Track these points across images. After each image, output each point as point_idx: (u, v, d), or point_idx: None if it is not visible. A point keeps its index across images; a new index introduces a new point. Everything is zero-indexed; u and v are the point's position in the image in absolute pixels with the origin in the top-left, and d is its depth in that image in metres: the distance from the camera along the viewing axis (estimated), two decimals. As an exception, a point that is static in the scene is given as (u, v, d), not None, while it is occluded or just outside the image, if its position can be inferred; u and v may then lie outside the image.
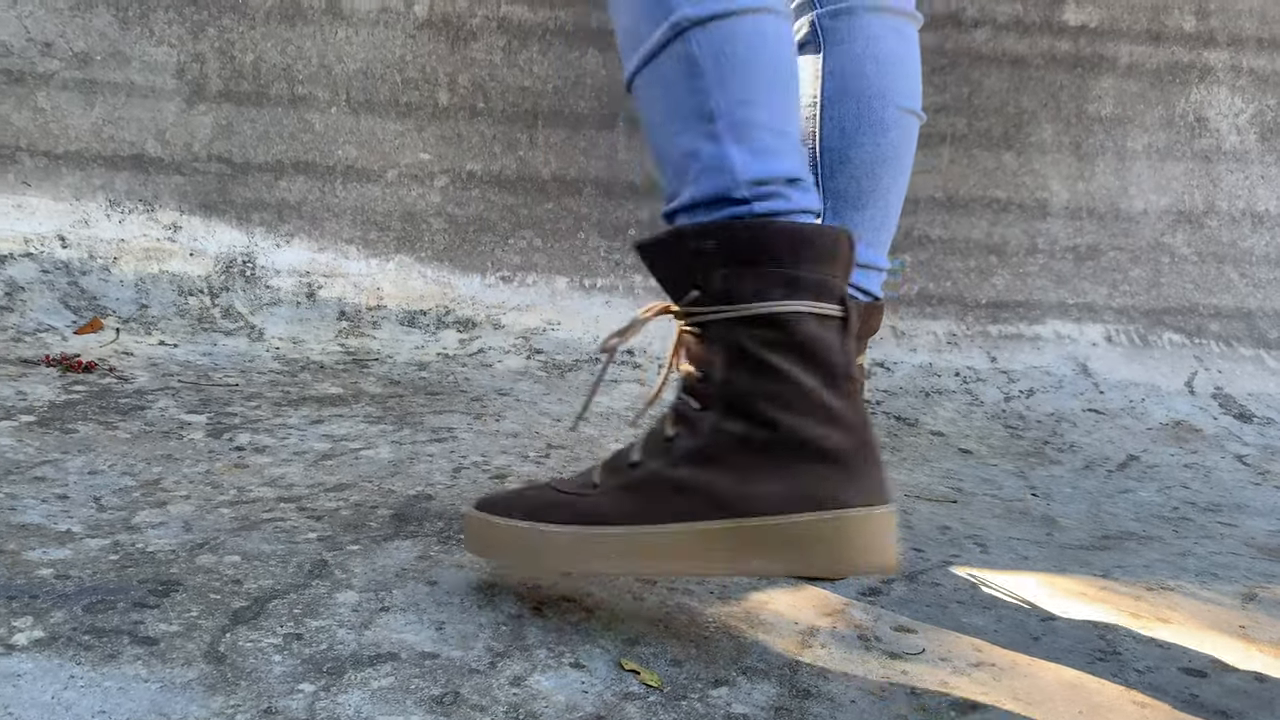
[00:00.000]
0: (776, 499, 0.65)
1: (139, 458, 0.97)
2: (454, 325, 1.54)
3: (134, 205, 1.59)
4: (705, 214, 0.69)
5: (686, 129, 0.70)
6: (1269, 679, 0.71)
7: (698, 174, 0.69)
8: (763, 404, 0.66)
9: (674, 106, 0.70)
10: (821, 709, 0.63)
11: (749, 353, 0.67)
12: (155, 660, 0.62)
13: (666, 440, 0.68)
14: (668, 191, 0.72)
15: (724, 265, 0.67)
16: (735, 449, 0.66)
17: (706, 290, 0.68)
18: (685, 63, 0.69)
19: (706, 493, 0.66)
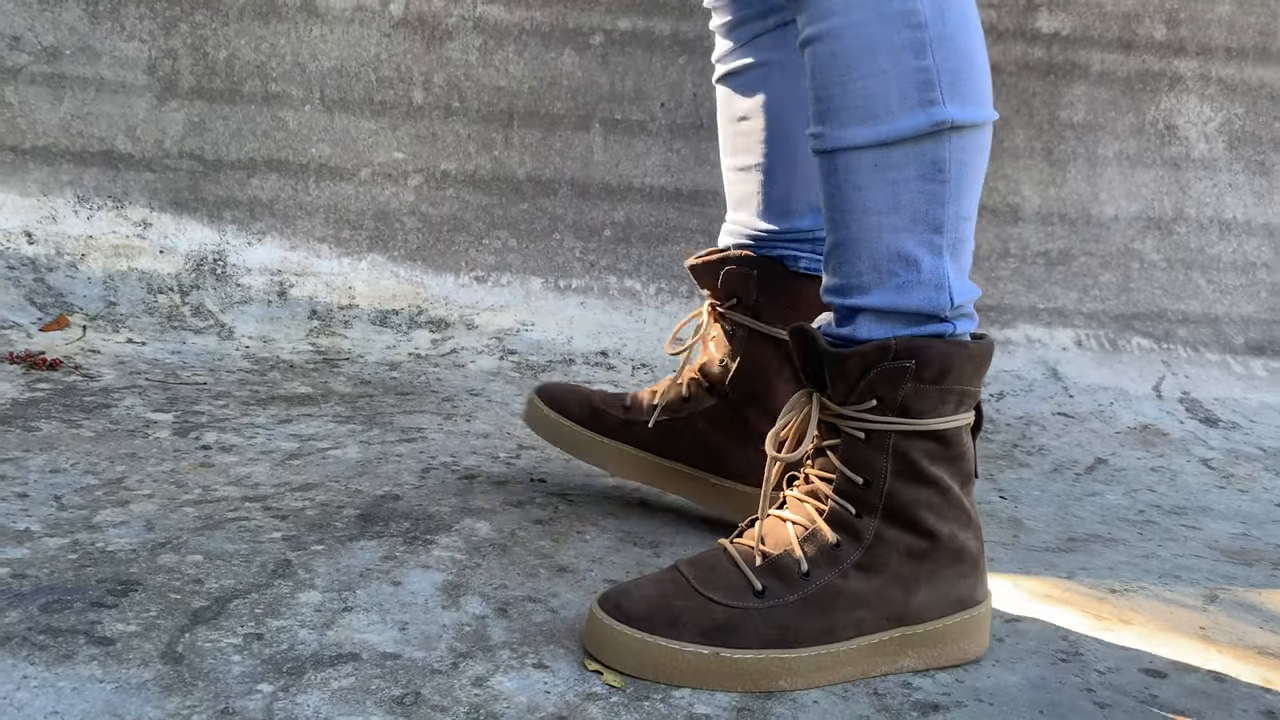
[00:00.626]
0: (936, 605, 0.69)
1: (102, 456, 0.96)
2: (426, 325, 1.54)
3: (103, 202, 1.57)
4: (903, 325, 0.67)
5: (909, 232, 0.66)
6: (1228, 679, 0.72)
7: (909, 284, 0.67)
8: (924, 514, 0.68)
9: (901, 203, 0.66)
10: (784, 710, 0.63)
11: (916, 465, 0.68)
12: (111, 660, 0.61)
13: (834, 548, 0.68)
14: (849, 280, 0.68)
15: (913, 381, 0.66)
16: (899, 559, 0.68)
17: (885, 401, 0.67)
18: (933, 166, 0.66)
19: (879, 605, 0.68)
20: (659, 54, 1.75)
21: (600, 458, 0.92)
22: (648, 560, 0.84)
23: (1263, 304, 1.81)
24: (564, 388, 0.95)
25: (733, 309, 0.89)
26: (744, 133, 0.88)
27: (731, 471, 0.89)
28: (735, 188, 0.91)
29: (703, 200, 1.72)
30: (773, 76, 0.86)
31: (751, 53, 0.86)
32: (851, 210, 0.67)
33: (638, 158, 1.73)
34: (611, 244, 1.69)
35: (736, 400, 0.89)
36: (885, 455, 0.67)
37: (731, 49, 0.88)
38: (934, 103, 0.65)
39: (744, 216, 0.90)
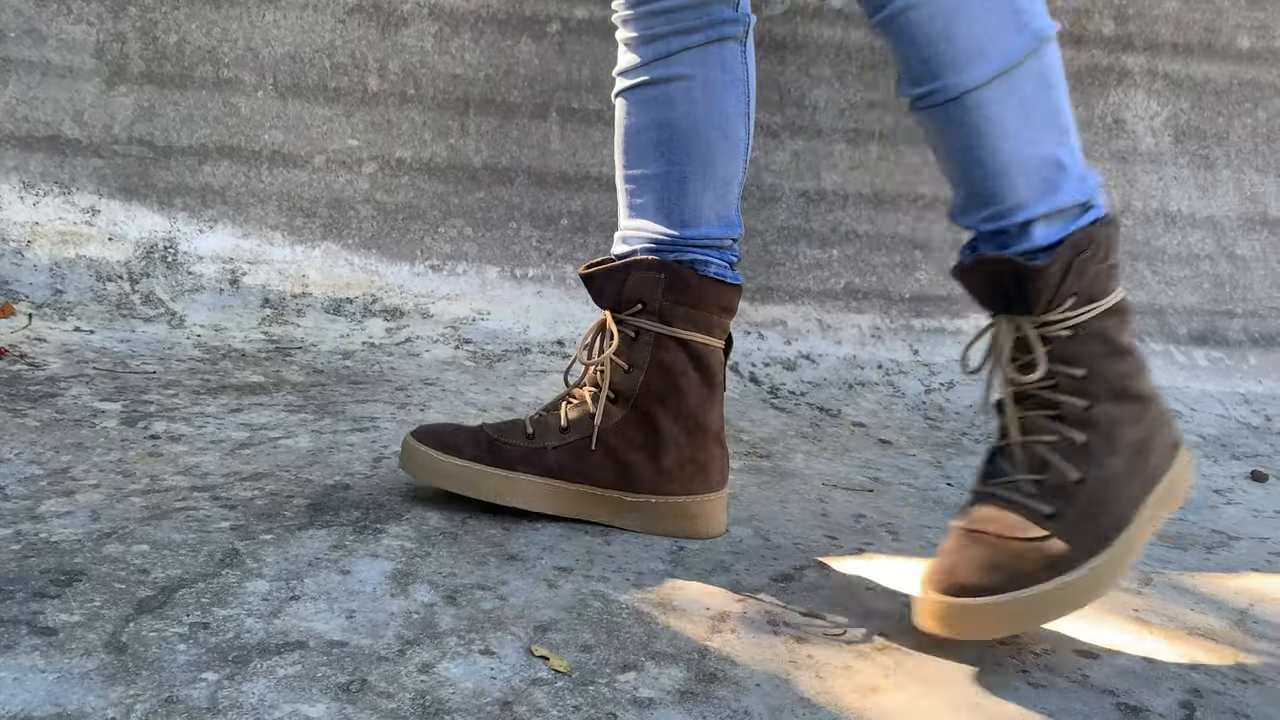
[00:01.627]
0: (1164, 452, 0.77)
1: (48, 446, 0.95)
2: (381, 314, 1.53)
3: (49, 188, 1.55)
4: (1066, 222, 0.73)
5: (1046, 139, 0.73)
6: (1157, 660, 0.74)
7: (1061, 183, 0.73)
8: (1133, 382, 0.75)
9: (1032, 118, 0.73)
10: (726, 692, 0.64)
11: (1116, 341, 0.75)
12: (54, 650, 0.61)
13: (1085, 446, 0.73)
14: (1008, 202, 0.74)
15: (1098, 264, 0.73)
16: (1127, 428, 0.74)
17: (1080, 295, 0.73)
18: (1042, 76, 0.73)
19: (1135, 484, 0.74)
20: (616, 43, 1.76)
21: (502, 493, 0.87)
22: (598, 548, 0.85)
23: (1205, 295, 1.85)
24: (447, 428, 0.90)
25: (636, 315, 0.88)
26: (655, 142, 0.88)
27: (644, 485, 0.88)
28: (638, 196, 0.90)
29: (659, 190, 1.73)
30: (695, 91, 0.87)
31: (671, 67, 0.87)
32: (994, 140, 0.73)
33: (595, 147, 1.73)
34: (569, 233, 1.69)
35: (645, 407, 0.88)
36: (1093, 342, 0.74)
37: (646, 62, 0.88)
38: (1027, 23, 0.73)
39: (646, 223, 0.89)
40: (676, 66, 0.87)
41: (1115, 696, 0.68)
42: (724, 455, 0.91)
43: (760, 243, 1.72)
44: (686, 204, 0.88)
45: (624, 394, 0.88)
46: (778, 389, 1.50)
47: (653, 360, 0.88)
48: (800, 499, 1.04)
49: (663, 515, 0.89)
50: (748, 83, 0.89)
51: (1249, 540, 1.07)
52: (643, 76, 0.88)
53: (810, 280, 1.72)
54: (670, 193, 0.88)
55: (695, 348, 0.88)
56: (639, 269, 0.87)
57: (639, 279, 0.87)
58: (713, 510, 0.90)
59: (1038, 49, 0.73)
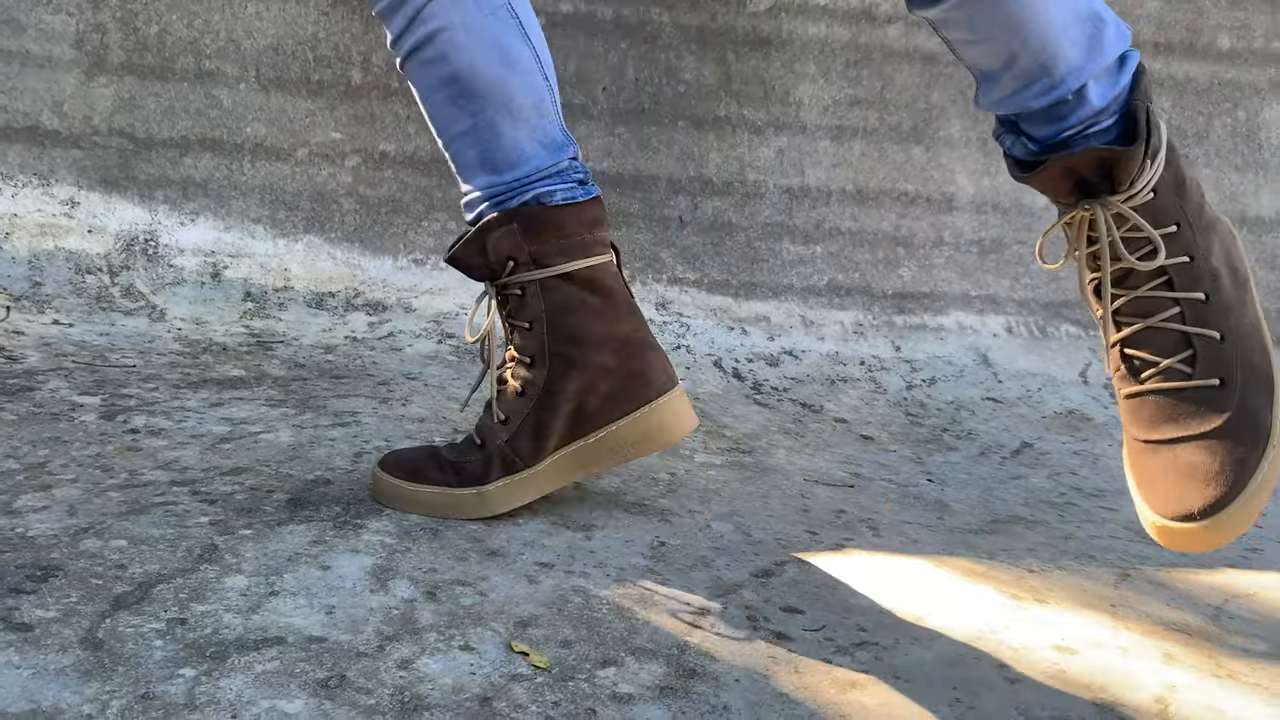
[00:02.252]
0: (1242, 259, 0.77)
1: (24, 440, 0.94)
2: (363, 308, 1.53)
3: (28, 179, 1.53)
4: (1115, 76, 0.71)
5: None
6: (1132, 654, 0.75)
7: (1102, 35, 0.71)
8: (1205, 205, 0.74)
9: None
10: (705, 688, 0.64)
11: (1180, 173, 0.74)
12: (29, 647, 0.60)
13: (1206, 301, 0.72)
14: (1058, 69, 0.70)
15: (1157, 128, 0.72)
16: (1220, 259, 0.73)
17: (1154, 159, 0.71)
18: None
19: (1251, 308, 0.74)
20: (600, 38, 1.75)
21: (479, 508, 0.87)
22: (579, 544, 0.85)
23: (1185, 293, 1.87)
24: (412, 453, 0.90)
25: (512, 273, 0.86)
26: (450, 99, 0.85)
27: (599, 419, 0.87)
28: (462, 157, 0.87)
29: (644, 185, 1.73)
30: (458, 36, 0.83)
31: (426, 24, 0.83)
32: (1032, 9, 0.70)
33: (579, 142, 1.72)
34: (552, 228, 1.68)
35: (562, 352, 0.86)
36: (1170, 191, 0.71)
37: (404, 27, 0.85)
38: None
39: (481, 180, 0.87)
40: (431, 22, 0.83)
41: (1091, 691, 0.68)
42: (660, 355, 0.89)
43: (744, 239, 1.73)
44: (505, 147, 0.85)
45: (536, 354, 0.87)
46: (760, 385, 1.50)
47: (547, 307, 0.86)
48: (782, 494, 1.05)
49: (628, 438, 0.87)
50: (510, 4, 0.84)
51: (1225, 536, 1.08)
52: (409, 43, 0.85)
53: (793, 276, 1.72)
54: (485, 143, 0.85)
55: (580, 275, 0.86)
56: (491, 228, 0.85)
57: (497, 237, 0.85)
58: (674, 411, 0.88)
59: None
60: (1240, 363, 0.70)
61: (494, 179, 0.86)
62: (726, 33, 1.78)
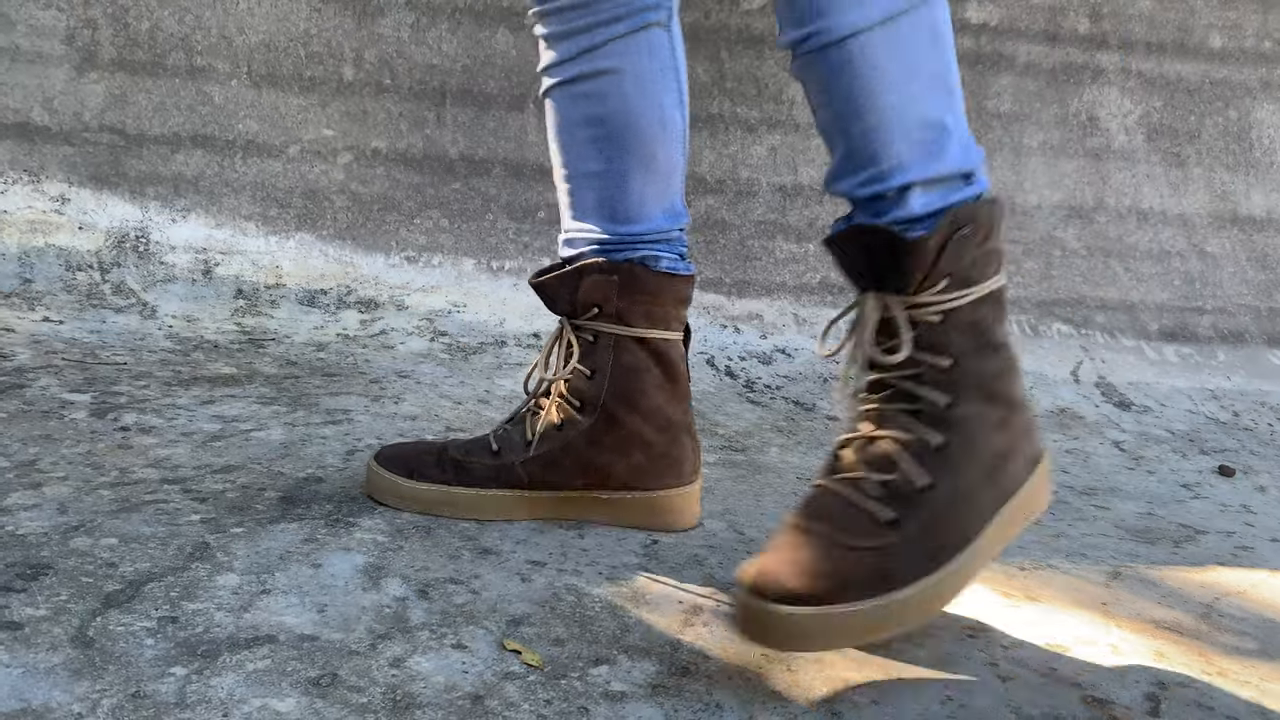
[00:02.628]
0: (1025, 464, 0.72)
1: (15, 438, 0.94)
2: (355, 305, 1.52)
3: (18, 175, 1.53)
4: (948, 192, 0.68)
5: (931, 98, 0.68)
6: (1123, 652, 0.75)
7: (943, 148, 0.68)
8: (1002, 383, 0.69)
9: (918, 72, 0.68)
10: (698, 686, 0.64)
11: (988, 334, 0.69)
12: (19, 645, 0.60)
13: (941, 449, 0.67)
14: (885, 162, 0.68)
15: (978, 247, 0.67)
16: (989, 433, 0.69)
17: (956, 275, 0.67)
18: (932, 29, 0.68)
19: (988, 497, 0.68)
20: (594, 35, 1.75)
21: (472, 509, 0.87)
22: (571, 542, 0.85)
23: (1176, 291, 1.87)
24: (409, 450, 0.89)
25: (593, 319, 0.87)
26: (591, 139, 0.86)
27: (617, 483, 0.88)
28: (579, 195, 0.88)
29: (637, 183, 1.73)
30: (625, 85, 0.84)
31: (597, 60, 0.84)
32: (876, 91, 0.68)
33: (572, 139, 1.72)
34: (545, 225, 1.68)
35: (612, 410, 0.87)
36: (964, 332, 0.68)
37: (572, 56, 0.85)
38: None
39: (589, 225, 0.88)
40: (602, 60, 0.84)
41: (1082, 689, 0.69)
42: (695, 446, 0.91)
43: (737, 237, 1.73)
44: (630, 200, 0.86)
45: (589, 400, 0.87)
46: (753, 383, 1.50)
47: (615, 362, 0.87)
48: (774, 493, 1.05)
49: (635, 509, 0.89)
50: (678, 69, 0.86)
51: (1215, 534, 1.09)
52: (570, 73, 0.85)
53: (786, 275, 1.72)
54: (612, 190, 0.86)
55: (655, 344, 0.87)
56: (591, 273, 0.85)
57: (592, 283, 0.85)
58: (685, 503, 0.90)
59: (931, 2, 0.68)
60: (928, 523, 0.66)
61: (609, 226, 0.87)
62: (719, 31, 1.77)
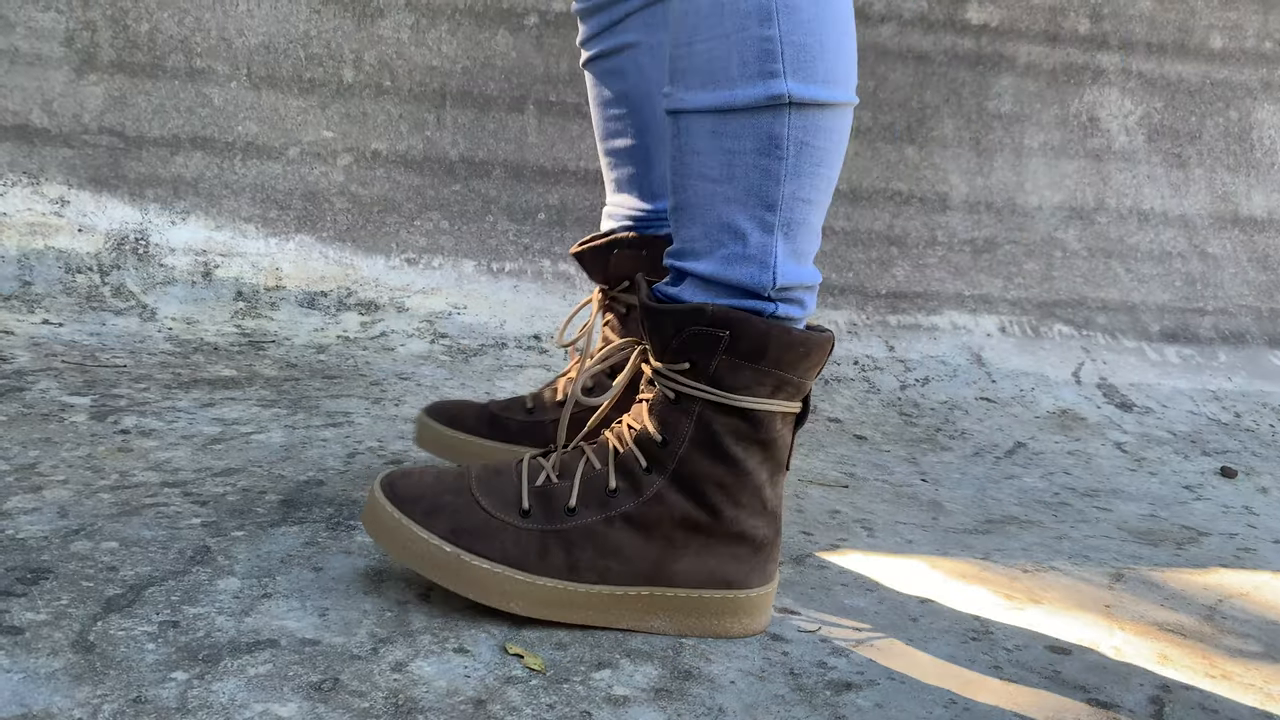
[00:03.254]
0: (697, 576, 0.69)
1: (15, 441, 0.93)
2: (355, 307, 1.52)
3: (17, 178, 1.52)
4: (725, 296, 0.67)
5: (741, 205, 0.65)
6: (1127, 655, 0.75)
7: (734, 257, 0.66)
8: (712, 490, 0.68)
9: (735, 174, 0.65)
10: (701, 690, 0.64)
11: (718, 439, 0.67)
12: (19, 650, 0.60)
13: (609, 493, 0.68)
14: (683, 243, 0.68)
15: (727, 354, 0.66)
16: (673, 524, 0.69)
17: (698, 367, 0.67)
18: (769, 140, 0.64)
19: (635, 561, 0.68)
20: (594, 37, 1.75)
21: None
22: (573, 544, 0.84)
23: (1177, 293, 1.87)
24: (456, 403, 0.91)
25: (625, 291, 0.88)
26: (617, 116, 0.88)
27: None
28: (614, 171, 0.90)
29: (637, 184, 1.73)
30: (641, 58, 0.85)
31: (618, 35, 0.85)
32: (689, 174, 0.67)
33: (572, 140, 1.72)
34: (546, 227, 1.68)
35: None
36: (690, 421, 0.67)
37: (597, 32, 0.87)
38: (774, 75, 0.63)
39: (625, 198, 0.90)
40: (623, 35, 0.85)
41: (1086, 692, 0.68)
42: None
43: (737, 238, 1.72)
44: (654, 176, 0.87)
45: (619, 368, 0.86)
46: (754, 384, 1.50)
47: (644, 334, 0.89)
48: (776, 495, 1.04)
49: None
50: None
51: (1218, 536, 1.08)
52: (597, 48, 0.87)
53: (787, 276, 1.72)
54: (639, 166, 0.88)
55: None
56: (621, 245, 0.87)
57: (621, 256, 0.87)
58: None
59: (774, 110, 0.63)
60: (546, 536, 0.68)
61: (639, 203, 0.89)
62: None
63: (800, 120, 0.64)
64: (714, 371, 0.67)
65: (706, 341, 0.66)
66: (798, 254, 0.67)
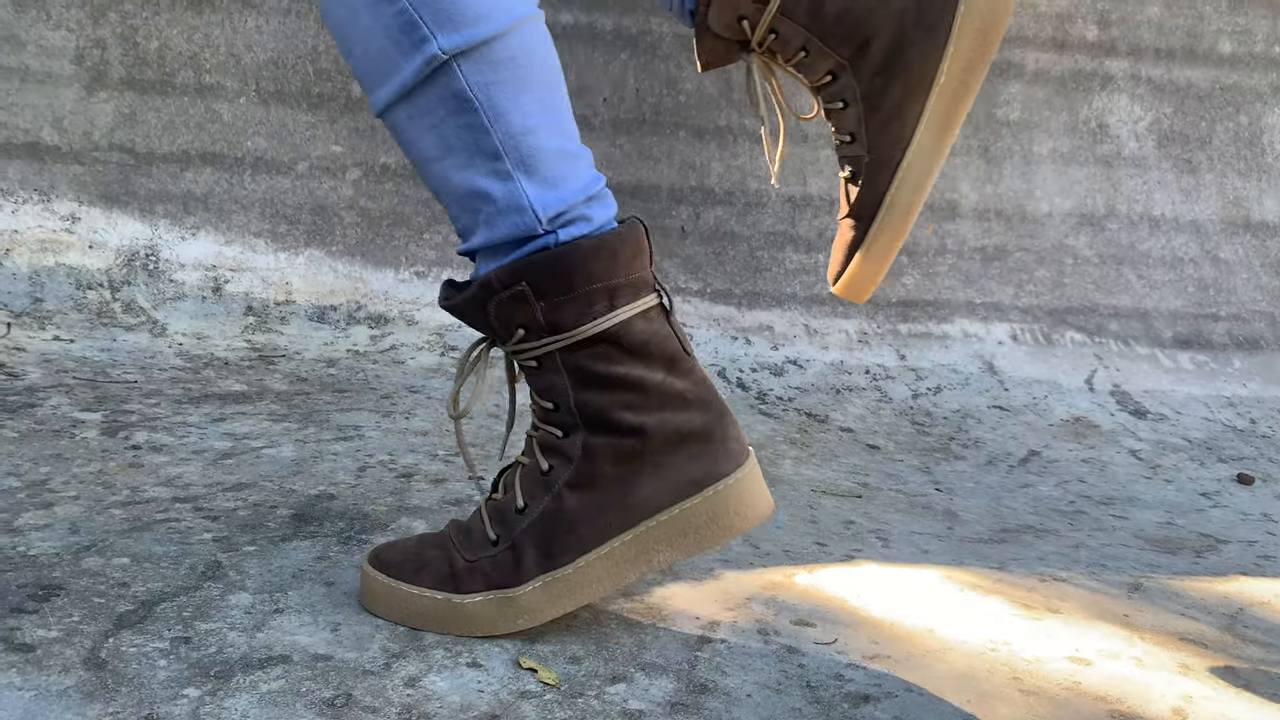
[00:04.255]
0: (664, 495, 0.68)
1: (26, 457, 0.93)
2: (365, 321, 1.52)
3: (28, 195, 1.53)
4: (508, 253, 0.67)
5: (468, 167, 0.66)
6: (1147, 665, 0.74)
7: (492, 216, 0.66)
8: (621, 413, 0.68)
9: (448, 144, 0.65)
10: (717, 704, 0.63)
11: (592, 372, 0.67)
12: (31, 667, 0.59)
13: (544, 474, 0.69)
14: (458, 226, 0.69)
15: (541, 299, 0.66)
16: (611, 462, 0.68)
17: (531, 328, 0.67)
18: (454, 99, 0.64)
19: (600, 517, 0.68)
20: (601, 48, 1.75)
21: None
22: (586, 557, 0.84)
23: (1190, 299, 1.86)
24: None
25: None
26: None
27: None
28: None
29: (646, 195, 1.73)
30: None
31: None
32: (419, 164, 0.68)
33: (580, 153, 1.72)
34: (554, 239, 1.68)
35: None
36: (561, 373, 0.68)
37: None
38: (424, 40, 0.63)
39: None
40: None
41: (1108, 703, 0.68)
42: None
43: (746, 248, 1.72)
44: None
45: None
46: (765, 395, 1.50)
47: None
48: (789, 505, 1.04)
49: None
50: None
51: (1237, 544, 1.07)
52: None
53: (797, 285, 1.71)
54: None
55: None
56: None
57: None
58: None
59: (443, 70, 0.63)
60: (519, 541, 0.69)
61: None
62: (727, 42, 1.77)
63: (471, 66, 0.64)
64: (545, 321, 0.67)
65: (514, 303, 0.67)
66: (548, 181, 0.66)
